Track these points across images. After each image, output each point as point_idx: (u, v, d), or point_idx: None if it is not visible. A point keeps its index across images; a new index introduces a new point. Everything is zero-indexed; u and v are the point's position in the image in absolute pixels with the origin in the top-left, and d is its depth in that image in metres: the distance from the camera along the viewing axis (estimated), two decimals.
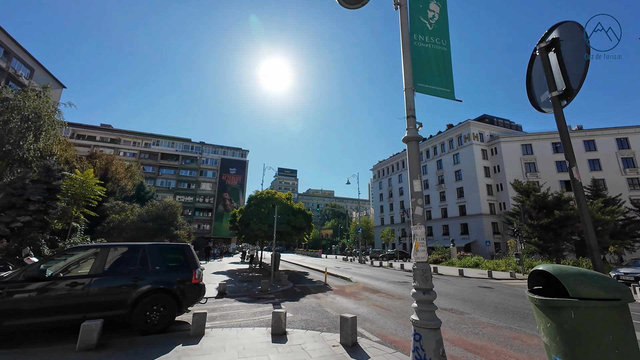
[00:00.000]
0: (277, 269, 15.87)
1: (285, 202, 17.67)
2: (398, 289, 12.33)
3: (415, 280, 3.53)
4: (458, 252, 32.49)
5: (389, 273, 19.88)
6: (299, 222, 17.27)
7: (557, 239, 20.98)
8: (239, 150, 71.44)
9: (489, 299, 10.16)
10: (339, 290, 12.16)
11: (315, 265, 25.98)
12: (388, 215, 69.22)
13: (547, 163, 45.74)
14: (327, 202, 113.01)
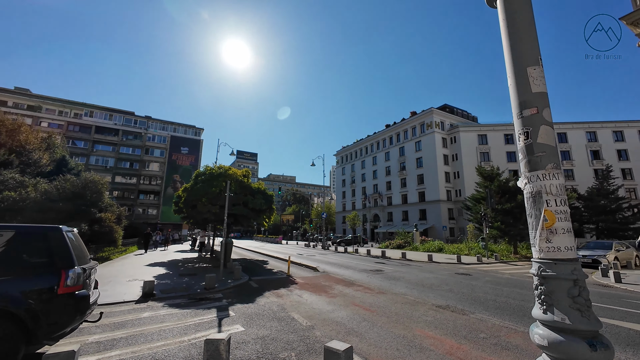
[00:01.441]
0: (229, 259, 13.22)
1: (241, 180, 14.84)
2: (374, 280, 10.59)
3: (545, 305, 1.45)
4: (420, 237, 32.63)
5: (356, 260, 18.37)
6: (258, 204, 14.65)
7: (517, 223, 21.30)
8: (192, 128, 64.70)
9: (478, 290, 8.84)
10: (305, 283, 10.03)
11: (275, 253, 23.63)
12: (350, 201, 69.09)
13: (499, 153, 48.38)
14: (288, 188, 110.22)
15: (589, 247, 16.93)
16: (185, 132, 64.67)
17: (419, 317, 5.92)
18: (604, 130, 47.69)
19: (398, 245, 29.69)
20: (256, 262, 17.42)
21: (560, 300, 1.60)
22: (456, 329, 5.18)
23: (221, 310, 6.47)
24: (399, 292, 8.40)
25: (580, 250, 16.46)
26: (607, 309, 6.77)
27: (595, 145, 47.38)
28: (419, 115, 53.90)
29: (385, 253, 20.61)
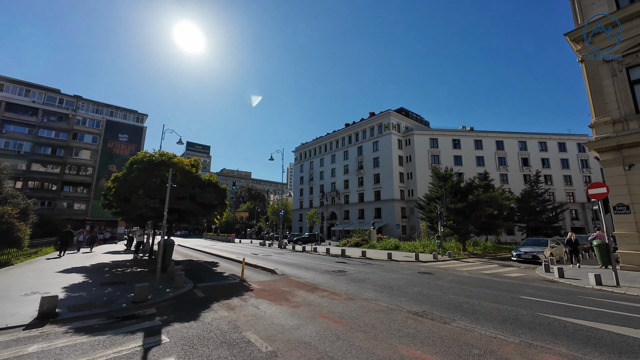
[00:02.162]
0: (169, 262, 11.23)
1: (189, 171, 12.77)
2: (339, 283, 9.69)
3: None
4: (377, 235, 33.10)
5: (316, 259, 17.44)
6: (209, 198, 12.76)
7: (467, 221, 22.47)
8: (134, 113, 57.59)
9: (448, 292, 8.47)
10: (262, 290, 8.70)
11: (227, 253, 21.59)
12: (307, 198, 68.37)
13: (448, 156, 51.86)
14: (243, 184, 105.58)
15: (528, 244, 18.41)
16: (124, 117, 57.32)
17: (399, 330, 5.10)
18: (532, 141, 54.12)
19: (356, 243, 29.63)
20: (204, 264, 15.41)
21: None
22: (445, 344, 4.43)
23: (151, 335, 4.88)
24: (369, 298, 7.59)
25: (522, 247, 17.79)
26: (576, 309, 6.74)
27: (525, 154, 53.51)
28: (377, 116, 55.27)
29: (345, 252, 20.07)
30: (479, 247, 24.71)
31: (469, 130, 55.64)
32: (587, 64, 14.50)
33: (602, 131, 13.66)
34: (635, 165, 12.60)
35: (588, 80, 14.43)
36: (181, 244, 32.01)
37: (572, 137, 54.51)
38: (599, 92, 14.01)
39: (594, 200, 10.47)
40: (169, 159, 12.56)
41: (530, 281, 10.59)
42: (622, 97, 13.29)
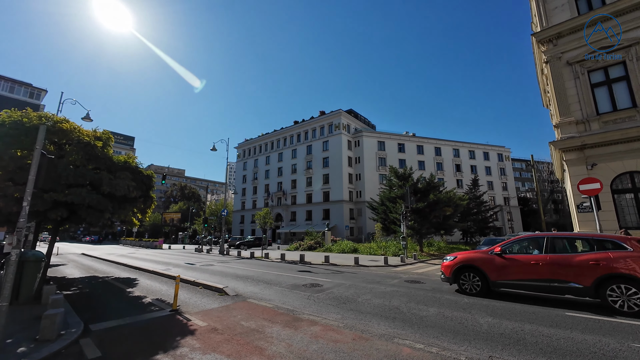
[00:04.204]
0: (36, 286, 6.97)
1: (89, 144, 8.36)
2: (324, 308, 6.94)
3: None
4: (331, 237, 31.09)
5: (273, 268, 14.24)
6: (122, 187, 8.58)
7: (425, 221, 21.96)
8: (26, 86, 45.05)
9: (471, 311, 6.44)
10: (212, 330, 5.38)
11: (152, 264, 16.73)
12: (251, 199, 63.42)
13: (393, 159, 53.38)
14: (175, 182, 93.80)
15: (487, 244, 18.44)
16: (11, 91, 44.41)
17: None
18: (463, 149, 59.65)
19: (309, 246, 27.05)
20: (114, 282, 10.85)
21: None
22: None
23: None
24: (386, 333, 5.03)
25: (483, 247, 17.60)
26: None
27: (457, 160, 58.61)
28: (328, 115, 54.07)
29: (304, 257, 17.26)
30: (433, 247, 24.62)
31: (412, 136, 58.58)
32: (551, 65, 14.81)
33: (566, 131, 13.91)
34: (597, 165, 13.03)
35: (553, 82, 14.70)
36: (87, 253, 24.88)
37: (494, 148, 61.93)
38: (563, 93, 14.34)
39: (584, 196, 9.99)
40: (54, 123, 8.01)
41: None
42: (585, 99, 13.75)
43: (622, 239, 6.71)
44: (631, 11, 13.01)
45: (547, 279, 6.84)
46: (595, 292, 6.31)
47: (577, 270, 6.54)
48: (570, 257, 6.82)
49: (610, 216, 12.23)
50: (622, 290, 6.04)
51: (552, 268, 6.82)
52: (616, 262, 6.21)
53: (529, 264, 7.17)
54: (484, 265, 7.88)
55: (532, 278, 7.04)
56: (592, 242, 6.92)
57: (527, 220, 60.92)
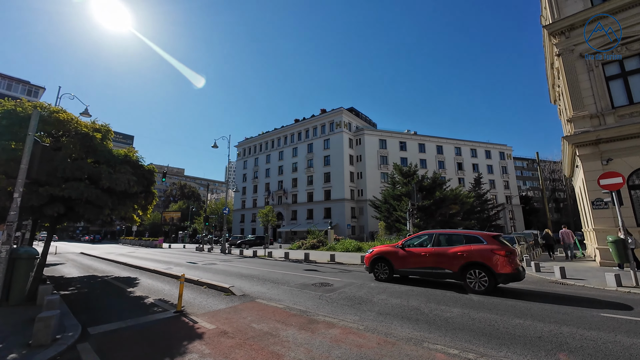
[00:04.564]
0: (34, 288, 6.53)
1: (87, 135, 7.88)
2: (340, 309, 6.52)
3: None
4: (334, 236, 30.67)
5: (278, 267, 13.81)
6: (123, 182, 8.12)
7: (430, 219, 21.57)
8: (24, 84, 44.46)
9: (494, 313, 6.04)
10: (221, 333, 4.95)
11: (153, 262, 16.28)
12: (251, 197, 62.96)
13: (395, 158, 53.00)
14: (175, 181, 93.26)
15: None
16: (9, 88, 43.83)
17: None
18: (465, 147, 59.28)
19: (312, 245, 26.61)
20: (114, 281, 10.40)
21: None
22: None
23: None
24: (414, 337, 4.61)
25: None
26: None
27: (459, 159, 58.25)
28: (329, 114, 53.62)
29: (309, 256, 16.82)
30: None
31: (413, 134, 58.17)
32: (564, 58, 14.40)
33: (580, 125, 13.50)
34: (613, 160, 12.64)
35: (565, 75, 14.28)
36: (86, 252, 24.41)
37: (496, 146, 61.59)
38: (576, 86, 13.93)
39: (605, 191, 9.58)
40: (50, 113, 7.54)
41: (536, 284, 9.07)
42: (599, 92, 13.34)
43: (482, 234, 8.35)
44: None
45: (431, 266, 8.59)
46: (461, 276, 8.04)
47: (450, 260, 8.23)
48: (446, 249, 8.48)
49: (628, 212, 11.84)
50: (476, 274, 7.78)
51: (435, 258, 8.54)
52: (474, 253, 7.91)
53: (420, 255, 8.88)
54: (391, 257, 9.52)
55: (422, 266, 8.79)
56: (463, 237, 8.55)
57: (529, 218, 60.65)
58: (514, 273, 7.52)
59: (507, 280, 7.62)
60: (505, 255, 7.62)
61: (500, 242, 8.10)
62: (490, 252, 7.72)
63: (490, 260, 7.62)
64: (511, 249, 7.93)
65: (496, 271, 7.51)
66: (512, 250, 7.92)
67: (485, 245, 7.94)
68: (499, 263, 7.53)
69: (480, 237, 8.26)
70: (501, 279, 7.54)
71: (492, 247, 7.87)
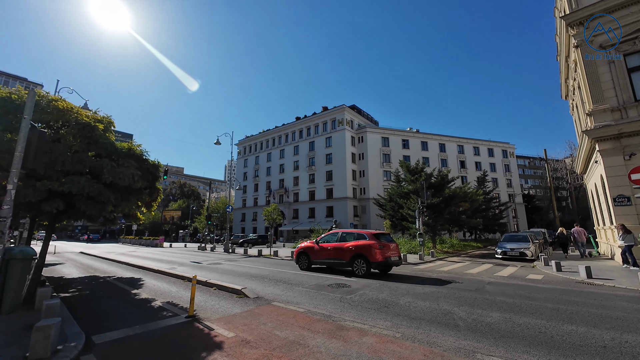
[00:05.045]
0: (33, 287, 6.00)
1: (89, 125, 7.30)
2: (366, 312, 6.01)
3: None
4: None
5: (286, 267, 13.29)
6: (126, 176, 7.56)
7: (439, 217, 21.07)
8: (21, 80, 43.72)
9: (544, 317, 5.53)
10: (242, 343, 4.42)
11: (156, 262, 15.74)
12: (252, 196, 62.36)
13: (398, 156, 52.43)
14: (174, 179, 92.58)
15: (508, 240, 17.55)
16: (6, 84, 42.96)
17: None
18: (468, 145, 58.81)
19: None
20: (117, 282, 9.86)
21: None
22: None
23: None
24: (462, 347, 4.10)
25: (506, 244, 16.73)
26: None
27: (462, 157, 57.78)
28: (331, 111, 53.03)
29: None
30: (445, 244, 23.75)
31: (415, 132, 57.64)
32: (582, 49, 13.90)
33: (600, 119, 12.99)
34: (636, 155, 12.15)
35: (584, 67, 13.78)
36: (86, 252, 23.83)
37: (499, 144, 61.14)
38: (596, 79, 13.41)
39: (636, 187, 9.10)
40: (48, 102, 6.97)
41: (563, 284, 8.58)
42: (620, 84, 12.83)
43: (367, 233, 10.76)
44: None
45: (333, 257, 11.05)
46: (350, 264, 10.50)
47: (345, 252, 10.70)
48: (343, 244, 10.92)
49: None
50: (359, 263, 10.24)
51: (336, 251, 11.00)
52: (359, 247, 10.35)
53: (327, 249, 11.30)
54: (309, 251, 11.90)
55: (328, 257, 11.22)
56: (356, 235, 11.03)
57: (532, 216, 60.28)
58: (383, 261, 10.10)
59: (378, 267, 10.19)
60: (378, 248, 10.11)
61: (377, 239, 10.49)
62: (370, 246, 10.16)
63: (369, 252, 10.09)
64: (383, 244, 10.40)
65: (371, 260, 10.01)
66: (384, 244, 10.41)
67: (367, 241, 10.37)
68: (374, 254, 10.01)
69: (365, 235, 10.74)
70: (373, 266, 10.07)
71: (371, 242, 10.26)
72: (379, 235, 10.77)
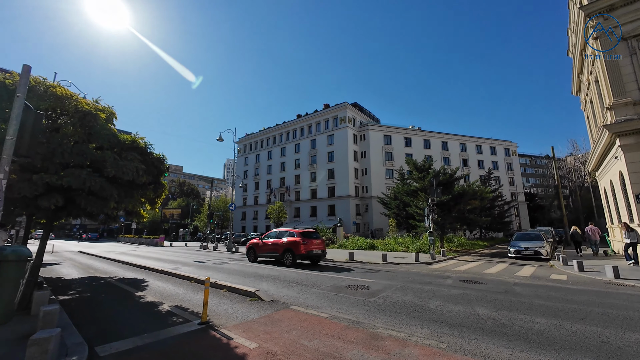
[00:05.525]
0: (29, 290, 5.40)
1: (90, 114, 6.70)
2: (396, 318, 5.50)
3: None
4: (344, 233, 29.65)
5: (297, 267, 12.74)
6: (130, 170, 7.01)
7: (448, 215, 20.57)
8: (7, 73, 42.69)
9: (578, 321, 5.01)
10: (265, 354, 3.88)
11: (158, 262, 15.18)
12: (252, 195, 61.75)
13: (400, 154, 51.96)
14: (174, 178, 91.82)
15: (520, 239, 17.06)
16: None
17: None
18: (470, 144, 58.37)
19: None
20: (119, 283, 9.30)
21: None
22: None
23: None
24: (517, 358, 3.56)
25: (520, 243, 16.24)
26: None
27: (465, 155, 57.34)
28: (333, 109, 52.43)
29: None
30: (453, 243, 23.27)
31: (418, 130, 57.15)
32: (602, 41, 13.39)
33: (622, 113, 12.50)
34: None
35: (604, 59, 13.28)
36: (85, 251, 23.23)
37: (501, 143, 60.75)
38: (616, 71, 12.90)
39: None
40: (45, 88, 6.39)
41: (593, 285, 8.08)
42: None
43: (296, 231, 13.24)
44: None
45: (271, 252, 13.49)
46: (282, 256, 12.76)
47: (278, 247, 13.12)
48: (278, 240, 13.42)
49: None
50: (287, 255, 12.60)
51: (273, 247, 13.45)
52: (289, 242, 12.74)
53: (268, 244, 13.80)
54: (255, 247, 14.40)
55: (268, 252, 13.69)
56: (288, 233, 13.41)
57: (535, 215, 59.99)
58: (305, 254, 12.43)
59: (301, 258, 12.55)
60: (302, 244, 12.46)
61: (303, 237, 12.78)
62: (296, 242, 12.58)
63: (295, 247, 12.51)
64: (307, 240, 12.67)
65: (296, 253, 12.42)
66: (307, 240, 12.69)
67: (294, 238, 12.80)
68: (298, 248, 12.40)
69: (294, 233, 13.16)
70: (298, 258, 12.45)
71: (297, 239, 12.65)
72: (305, 234, 13.07)
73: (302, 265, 12.93)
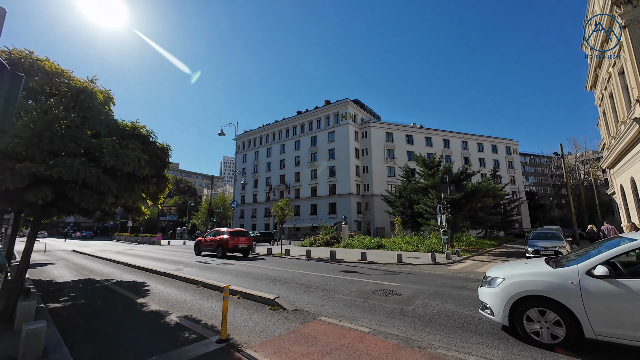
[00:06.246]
0: (12, 299, 4.46)
1: (83, 89, 5.74)
2: (450, 331, 4.66)
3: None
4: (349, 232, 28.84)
5: (307, 268, 11.92)
6: (131, 160, 6.12)
7: (458, 213, 19.89)
8: None
9: None
10: None
11: (158, 262, 14.24)
12: (251, 192, 60.73)
13: (402, 151, 51.37)
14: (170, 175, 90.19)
15: (537, 238, 16.41)
16: None
17: None
18: (471, 142, 57.91)
19: (326, 242, 24.82)
20: (118, 288, 8.39)
21: None
22: None
23: None
24: None
25: (539, 242, 15.57)
26: None
27: (466, 153, 56.89)
28: (334, 105, 51.52)
29: (335, 254, 14.94)
30: (462, 242, 22.60)
31: (420, 127, 56.56)
32: (631, 30, 12.69)
33: None
34: None
35: (633, 48, 12.59)
36: (79, 250, 22.15)
37: (502, 141, 60.39)
38: None
39: None
40: (32, 62, 5.44)
41: None
42: None
43: (227, 230, 16.66)
44: None
45: (209, 247, 17.06)
46: (216, 250, 16.32)
47: (214, 243, 16.63)
48: (214, 237, 16.84)
49: None
50: (219, 249, 16.11)
51: (211, 242, 16.88)
52: (221, 239, 16.17)
53: (208, 241, 17.27)
54: (199, 243, 17.97)
55: (207, 247, 17.23)
56: (222, 232, 16.77)
57: (535, 214, 59.84)
58: (232, 248, 15.64)
59: (230, 252, 15.81)
60: (229, 240, 15.70)
61: (230, 235, 16.02)
62: (226, 239, 15.82)
63: (225, 243, 15.78)
64: (234, 237, 15.91)
65: (224, 247, 15.73)
66: (234, 238, 15.90)
67: (224, 236, 16.08)
68: (226, 243, 15.72)
69: (225, 232, 16.46)
70: (227, 251, 15.74)
71: (227, 236, 15.90)
72: (233, 232, 16.25)
73: (304, 266, 12.08)
